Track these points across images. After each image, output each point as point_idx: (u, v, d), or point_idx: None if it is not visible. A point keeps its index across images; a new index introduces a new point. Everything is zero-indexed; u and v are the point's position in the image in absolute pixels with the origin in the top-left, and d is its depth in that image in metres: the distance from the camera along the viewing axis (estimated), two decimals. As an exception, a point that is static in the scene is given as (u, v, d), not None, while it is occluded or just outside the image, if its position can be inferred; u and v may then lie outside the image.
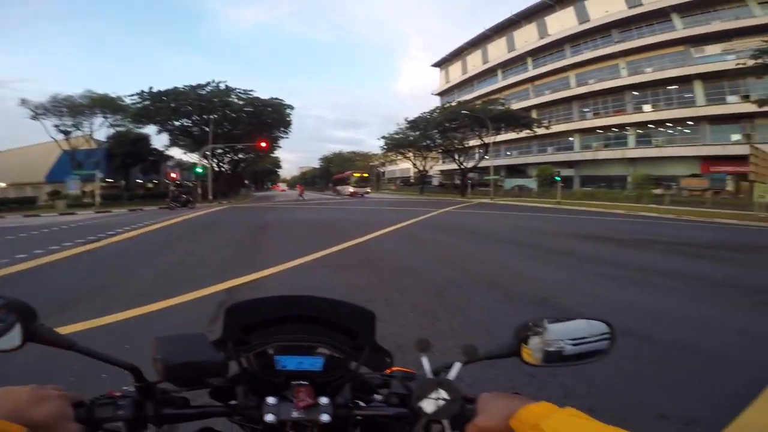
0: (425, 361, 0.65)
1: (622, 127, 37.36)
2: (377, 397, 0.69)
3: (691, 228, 13.50)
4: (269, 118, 36.74)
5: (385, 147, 49.80)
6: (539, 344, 0.65)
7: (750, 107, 24.98)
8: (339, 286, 5.12)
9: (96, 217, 18.10)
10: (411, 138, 44.70)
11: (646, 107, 35.70)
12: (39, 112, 30.67)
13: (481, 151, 40.14)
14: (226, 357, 0.66)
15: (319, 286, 5.10)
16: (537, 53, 45.11)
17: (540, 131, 38.14)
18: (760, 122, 28.44)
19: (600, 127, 38.97)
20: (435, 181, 59.88)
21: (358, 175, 47.18)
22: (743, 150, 23.20)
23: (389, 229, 11.23)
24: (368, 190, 47.37)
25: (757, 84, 25.52)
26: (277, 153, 67.53)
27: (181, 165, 45.29)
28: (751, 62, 20.09)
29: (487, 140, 37.09)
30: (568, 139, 42.40)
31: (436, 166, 54.47)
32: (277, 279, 5.53)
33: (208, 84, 33.86)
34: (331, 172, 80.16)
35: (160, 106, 32.34)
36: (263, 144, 32.37)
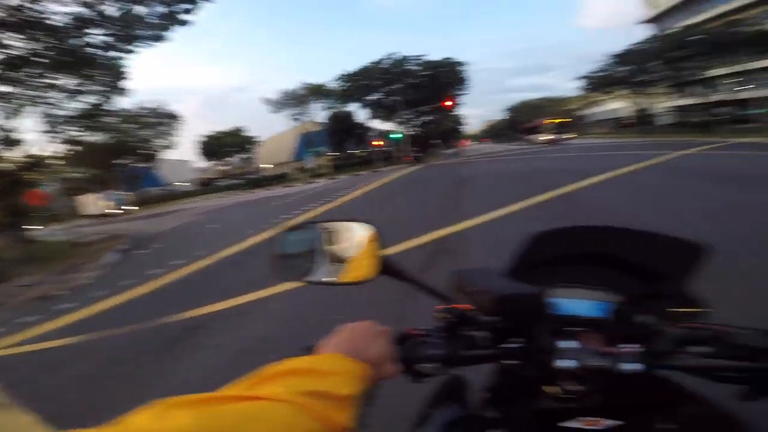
0: None
1: None
2: (695, 349, 0.54)
3: None
4: (445, 78, 37.87)
5: (589, 87, 42.32)
6: None
7: None
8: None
9: (329, 183, 23.02)
10: (620, 74, 36.89)
11: None
12: (277, 106, 40.94)
13: (729, 80, 29.11)
14: None
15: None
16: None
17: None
18: None
19: None
20: (663, 120, 47.33)
21: (554, 120, 41.74)
22: None
23: (605, 176, 9.43)
24: (573, 135, 41.44)
25: None
26: (460, 110, 68.28)
27: (381, 133, 51.15)
28: None
29: (742, 68, 26.62)
30: None
31: (662, 103, 42.69)
32: (480, 230, 5.54)
33: (387, 57, 37.29)
34: (519, 121, 74.77)
35: (356, 85, 37.51)
36: (448, 103, 33.26)
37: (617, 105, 52.22)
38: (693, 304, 0.64)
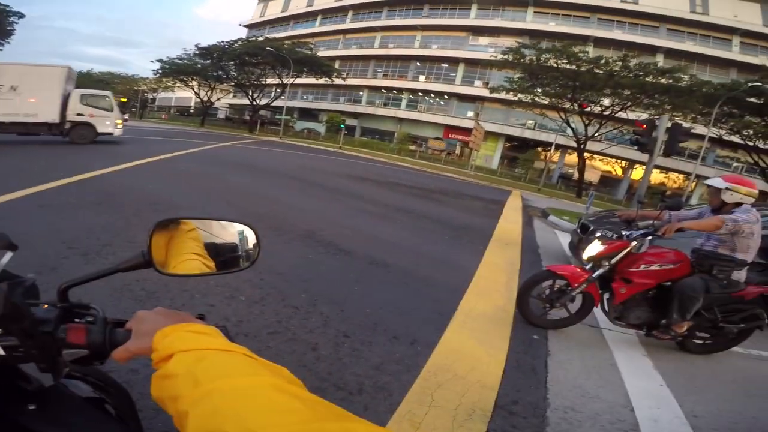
0: None
1: (400, 90, 43.41)
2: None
3: (427, 177, 17.56)
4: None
5: (160, 71, 40.44)
6: None
7: (485, 92, 32.42)
8: (71, 229, 3.98)
9: None
10: (199, 66, 38.40)
11: (422, 77, 42.31)
12: None
13: (278, 90, 38.24)
14: None
15: (38, 233, 3.83)
16: (360, 9, 46.70)
17: (338, 81, 39.57)
18: (487, 105, 38.10)
19: (385, 87, 44.12)
20: (221, 114, 54.00)
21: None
22: (471, 124, 30.93)
23: (147, 160, 9.35)
24: (126, 117, 37.39)
25: (496, 75, 33.41)
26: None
27: None
28: (500, 56, 24.52)
29: (286, 81, 35.61)
30: (358, 93, 46.15)
31: (225, 99, 48.81)
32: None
33: None
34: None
35: None
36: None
37: (185, 94, 53.83)
38: None
